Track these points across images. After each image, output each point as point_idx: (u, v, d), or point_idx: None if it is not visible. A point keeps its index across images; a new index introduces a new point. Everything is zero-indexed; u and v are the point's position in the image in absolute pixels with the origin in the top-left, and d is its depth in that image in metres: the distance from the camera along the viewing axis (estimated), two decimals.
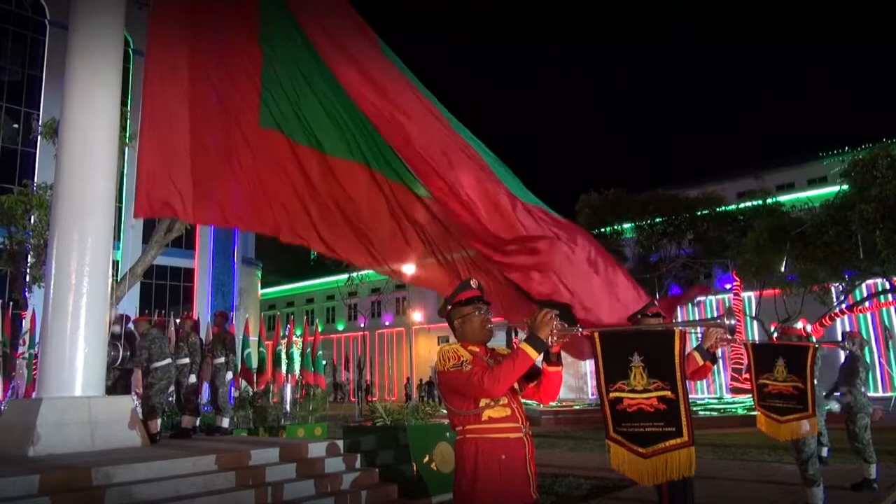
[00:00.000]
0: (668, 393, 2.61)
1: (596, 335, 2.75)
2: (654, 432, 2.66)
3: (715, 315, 31.53)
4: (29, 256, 14.37)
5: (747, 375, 5.89)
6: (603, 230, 27.19)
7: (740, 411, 17.90)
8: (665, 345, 2.63)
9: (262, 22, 2.99)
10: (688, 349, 3.46)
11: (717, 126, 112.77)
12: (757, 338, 27.69)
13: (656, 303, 4.11)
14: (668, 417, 2.64)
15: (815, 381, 5.14)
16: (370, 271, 46.27)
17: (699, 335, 3.95)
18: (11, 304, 13.81)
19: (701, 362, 3.83)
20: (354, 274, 46.03)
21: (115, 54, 3.43)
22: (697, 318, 31.11)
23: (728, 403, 21.81)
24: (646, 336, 2.84)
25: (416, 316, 44.57)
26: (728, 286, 27.82)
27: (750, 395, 6.19)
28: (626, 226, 27.58)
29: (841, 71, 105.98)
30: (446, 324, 2.87)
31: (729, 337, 3.97)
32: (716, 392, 30.47)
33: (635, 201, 27.59)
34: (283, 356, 13.55)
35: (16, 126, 28.74)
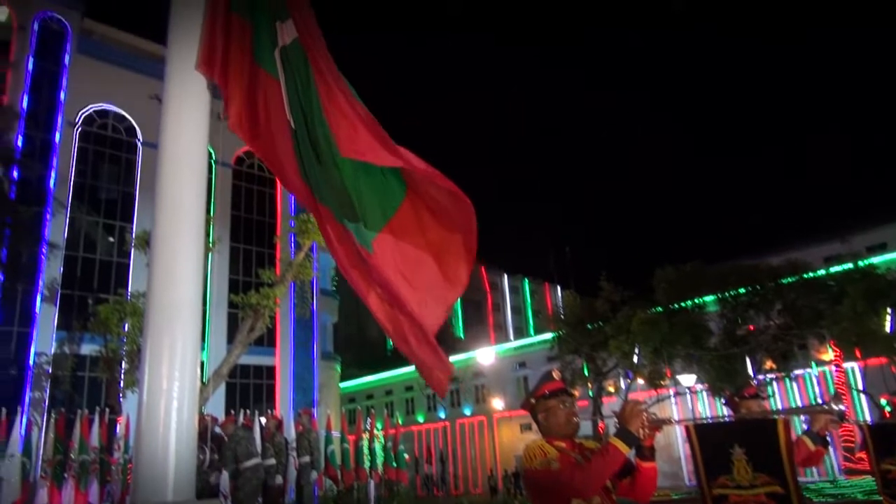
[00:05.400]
0: (777, 488, 2.38)
1: (690, 427, 2.57)
2: None
3: (817, 393, 29.52)
4: (123, 362, 15.02)
5: (861, 455, 5.37)
6: (683, 304, 26.26)
7: (859, 496, 16.32)
8: (769, 435, 2.42)
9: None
10: (793, 433, 3.19)
11: (792, 190, 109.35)
12: (867, 413, 25.59)
13: (753, 382, 3.85)
14: None
15: None
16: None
17: (803, 421, 3.64)
18: (107, 409, 14.36)
19: (813, 448, 3.51)
20: None
21: (200, 168, 3.65)
22: (797, 393, 29.15)
23: (844, 487, 19.97)
24: (746, 426, 2.63)
25: (497, 404, 43.60)
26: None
27: (867, 476, 5.64)
28: (708, 299, 26.55)
29: None
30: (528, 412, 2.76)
31: (839, 421, 3.65)
32: (828, 474, 28.04)
33: (714, 273, 26.62)
34: (366, 451, 13.41)
35: (111, 240, 30.82)
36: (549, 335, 34.26)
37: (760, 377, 25.17)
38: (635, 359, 27.13)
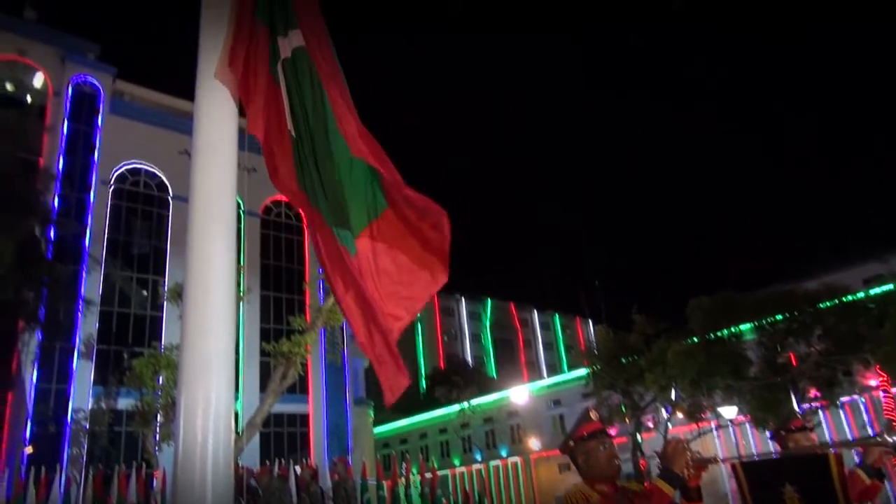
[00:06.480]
0: None
1: (737, 465, 2.46)
2: None
3: (867, 420, 28.49)
4: (158, 416, 15.11)
5: None
6: (719, 334, 25.68)
7: None
8: (821, 470, 2.29)
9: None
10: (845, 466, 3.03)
11: (825, 210, 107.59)
12: None
13: (798, 413, 3.70)
14: None
15: None
16: (482, 402, 45.36)
17: (855, 453, 3.48)
18: (144, 464, 14.39)
19: (868, 481, 3.34)
20: (465, 405, 45.42)
21: (229, 218, 3.72)
22: (845, 421, 28.17)
23: None
24: (796, 462, 2.50)
25: (534, 444, 42.78)
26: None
27: None
28: (745, 327, 25.94)
29: None
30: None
31: (893, 452, 3.47)
32: None
33: (749, 301, 26.07)
34: (403, 498, 13.20)
35: (144, 293, 31.34)
36: (583, 371, 33.73)
37: (805, 406, 24.38)
38: (673, 392, 26.51)
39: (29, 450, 24.66)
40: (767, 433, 24.10)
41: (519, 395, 43.23)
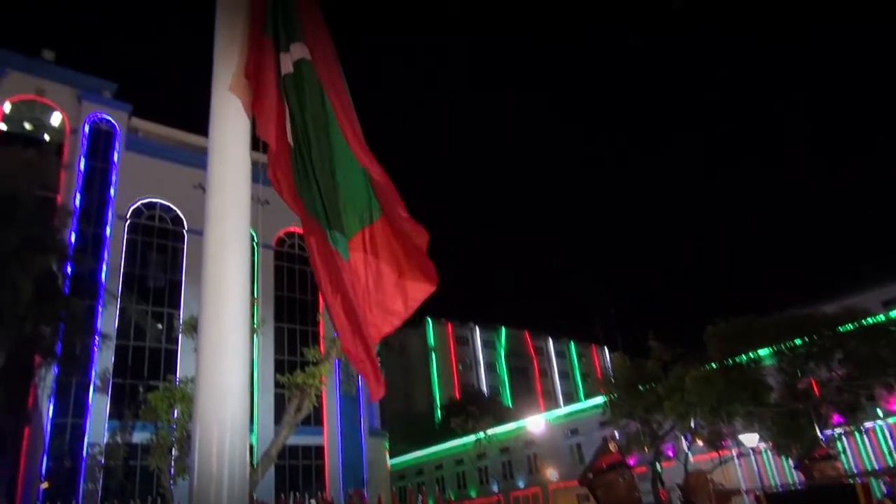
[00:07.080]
0: None
1: (762, 497, 2.41)
2: None
3: (892, 446, 27.86)
4: (173, 449, 15.06)
5: None
6: (738, 360, 25.31)
7: None
8: (848, 501, 2.24)
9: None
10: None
11: (841, 231, 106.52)
12: None
13: (822, 441, 3.61)
14: None
15: None
16: (499, 431, 44.68)
17: (883, 483, 3.39)
18: (159, 499, 14.30)
19: None
20: (481, 435, 44.96)
21: (243, 251, 3.76)
22: (869, 448, 27.56)
23: None
24: (822, 493, 2.44)
25: (552, 475, 42.13)
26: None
27: None
28: (763, 352, 25.56)
29: None
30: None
31: None
32: None
33: (768, 325, 25.72)
34: None
35: (160, 326, 31.49)
36: (599, 399, 33.34)
37: (828, 432, 23.87)
38: (692, 420, 26.07)
39: (45, 485, 24.61)
40: (791, 461, 23.60)
41: (535, 424, 42.74)
